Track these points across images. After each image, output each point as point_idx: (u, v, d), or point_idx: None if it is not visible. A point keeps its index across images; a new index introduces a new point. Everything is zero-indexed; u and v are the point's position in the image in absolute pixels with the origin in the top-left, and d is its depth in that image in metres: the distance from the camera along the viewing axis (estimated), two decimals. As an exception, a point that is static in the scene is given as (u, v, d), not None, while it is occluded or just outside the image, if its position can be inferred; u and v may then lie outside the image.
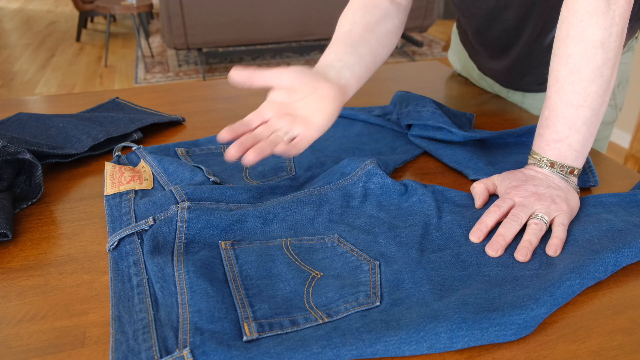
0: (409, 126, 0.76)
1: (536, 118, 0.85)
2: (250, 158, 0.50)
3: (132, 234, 0.52)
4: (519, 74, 0.84)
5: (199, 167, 0.65)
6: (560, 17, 0.57)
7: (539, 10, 0.72)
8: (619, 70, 0.81)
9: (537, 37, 0.76)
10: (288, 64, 3.90)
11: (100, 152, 0.71)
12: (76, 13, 5.85)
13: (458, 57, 1.03)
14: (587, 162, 0.65)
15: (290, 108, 0.56)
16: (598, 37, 0.54)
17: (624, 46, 0.79)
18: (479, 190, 0.59)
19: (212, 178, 0.61)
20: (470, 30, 0.85)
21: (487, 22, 0.79)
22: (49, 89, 3.44)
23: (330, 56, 0.61)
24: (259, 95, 0.95)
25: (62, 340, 0.41)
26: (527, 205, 0.54)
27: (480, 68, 0.93)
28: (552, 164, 0.57)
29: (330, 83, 0.56)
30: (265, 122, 0.55)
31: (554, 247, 0.50)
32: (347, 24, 0.65)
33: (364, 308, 0.43)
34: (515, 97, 0.92)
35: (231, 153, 0.51)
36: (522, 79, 0.85)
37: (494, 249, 0.50)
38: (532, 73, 0.82)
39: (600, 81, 0.55)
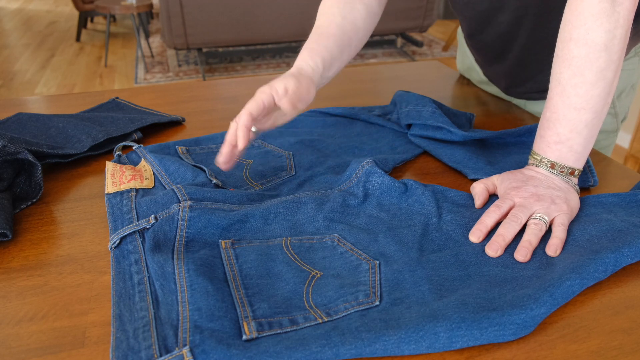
0: (409, 126, 0.76)
1: (536, 119, 0.85)
2: (240, 141, 0.56)
3: (134, 232, 0.52)
4: (519, 79, 0.83)
5: (201, 168, 0.65)
6: (564, 19, 0.56)
7: (533, 13, 0.71)
8: (622, 77, 0.79)
9: (533, 41, 0.74)
10: (288, 64, 3.90)
11: (100, 152, 0.71)
12: (76, 13, 5.84)
13: (462, 60, 1.02)
14: (587, 162, 0.65)
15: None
16: (602, 40, 0.53)
17: (631, 51, 0.77)
18: (478, 190, 0.59)
19: (214, 180, 0.61)
20: (465, 34, 0.85)
21: (480, 25, 0.78)
22: (49, 89, 3.44)
23: (315, 59, 0.66)
24: (259, 95, 0.94)
25: (62, 340, 0.41)
26: (527, 205, 0.54)
27: (484, 73, 0.92)
28: (553, 165, 0.57)
29: (312, 86, 0.63)
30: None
31: (554, 247, 0.50)
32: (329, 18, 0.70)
33: (364, 307, 0.43)
34: (518, 102, 0.91)
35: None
36: (524, 84, 0.83)
37: (494, 249, 0.50)
38: (533, 80, 0.81)
39: (603, 84, 0.54)
